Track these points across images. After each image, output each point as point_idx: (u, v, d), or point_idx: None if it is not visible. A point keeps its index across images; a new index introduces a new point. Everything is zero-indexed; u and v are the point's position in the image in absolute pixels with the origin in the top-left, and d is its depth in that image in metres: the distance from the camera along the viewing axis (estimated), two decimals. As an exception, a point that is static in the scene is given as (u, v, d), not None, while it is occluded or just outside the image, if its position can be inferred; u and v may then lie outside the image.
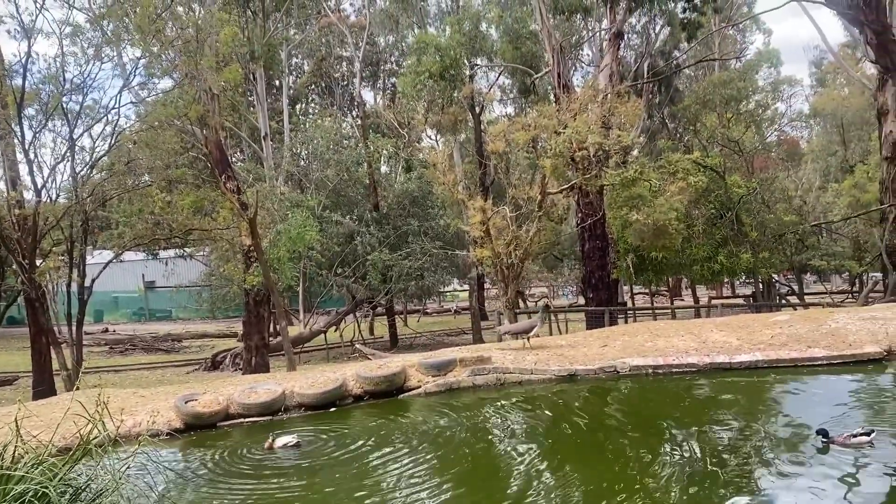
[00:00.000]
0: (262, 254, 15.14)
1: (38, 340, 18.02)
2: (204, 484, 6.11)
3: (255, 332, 18.53)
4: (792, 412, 7.06)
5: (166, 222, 17.51)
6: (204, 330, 35.72)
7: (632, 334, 11.07)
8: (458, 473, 6.07)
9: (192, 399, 8.29)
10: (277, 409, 8.32)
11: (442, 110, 24.29)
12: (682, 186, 19.17)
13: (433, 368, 9.15)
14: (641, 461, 5.84)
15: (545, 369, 9.21)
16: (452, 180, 18.24)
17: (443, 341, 28.20)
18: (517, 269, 16.73)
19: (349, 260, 26.36)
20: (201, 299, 33.29)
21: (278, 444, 6.93)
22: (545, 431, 7.12)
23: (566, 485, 5.42)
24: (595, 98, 18.23)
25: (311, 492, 5.78)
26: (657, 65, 32.65)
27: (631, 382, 8.88)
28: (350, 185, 28.72)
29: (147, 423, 7.51)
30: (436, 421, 7.63)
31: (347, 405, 8.63)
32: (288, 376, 10.27)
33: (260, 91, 31.38)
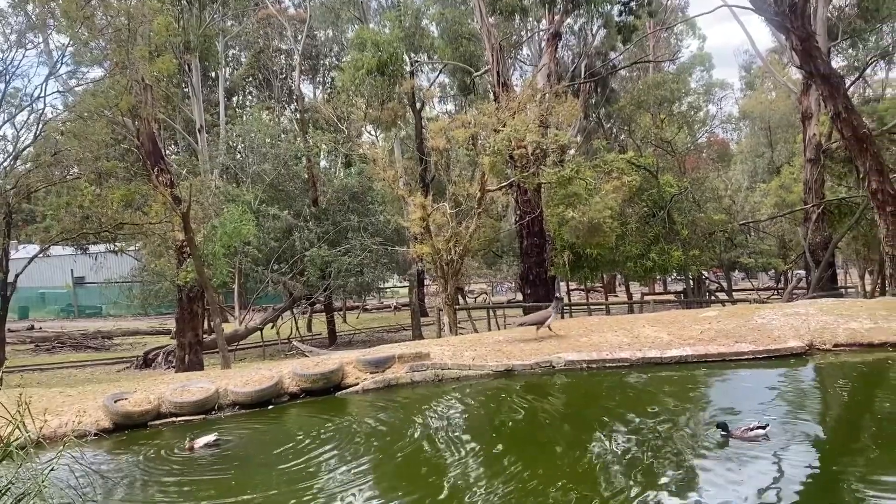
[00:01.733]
0: (195, 249, 14.80)
1: (-44, 338, 17.23)
2: (131, 485, 5.96)
3: (188, 329, 18.12)
4: (719, 405, 7.31)
5: (96, 216, 16.94)
6: (136, 327, 34.74)
7: (566, 330, 11.26)
8: (394, 470, 6.07)
9: (122, 398, 8.06)
10: (211, 408, 8.17)
11: (382, 106, 24.19)
12: (617, 185, 19.59)
13: (371, 365, 9.12)
14: (575, 454, 5.97)
15: (483, 365, 9.30)
16: (393, 176, 18.21)
17: (382, 338, 28.13)
18: (457, 266, 16.82)
19: (287, 256, 26.01)
20: (132, 295, 32.29)
21: (198, 443, 6.78)
22: (482, 426, 7.19)
23: (502, 478, 5.49)
24: (533, 97, 18.46)
25: (239, 493, 5.69)
26: (594, 65, 33.26)
27: (566, 377, 9.05)
28: (288, 179, 28.34)
29: (73, 424, 7.28)
30: (373, 418, 7.62)
31: (284, 403, 8.53)
32: (222, 374, 10.09)
33: (195, 83, 30.68)
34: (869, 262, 27.93)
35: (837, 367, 8.68)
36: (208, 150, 31.32)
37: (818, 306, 11.40)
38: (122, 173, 21.31)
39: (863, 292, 26.55)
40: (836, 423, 6.61)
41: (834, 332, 9.77)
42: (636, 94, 33.33)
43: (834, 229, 25.06)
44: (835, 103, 16.14)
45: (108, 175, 18.67)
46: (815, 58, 16.28)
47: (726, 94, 52.76)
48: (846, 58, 31.35)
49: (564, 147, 20.48)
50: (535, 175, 17.78)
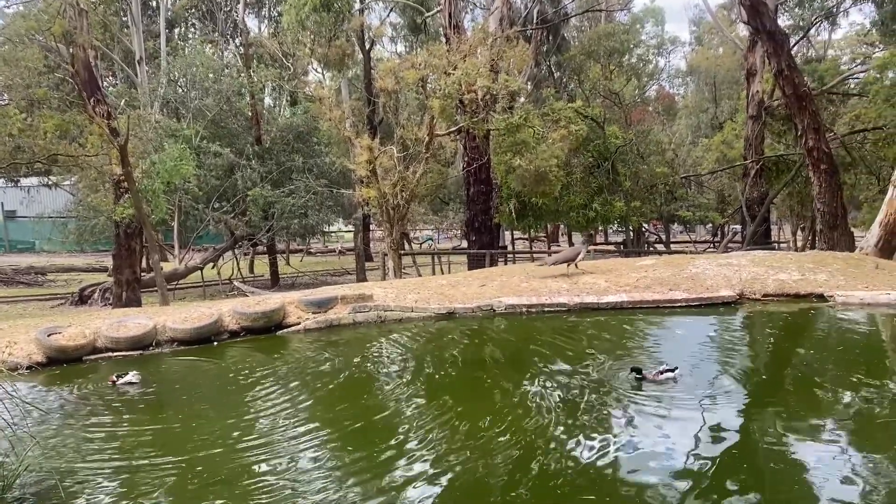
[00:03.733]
0: (133, 184, 14.38)
1: None
2: (62, 418, 5.90)
3: (125, 266, 17.72)
4: (648, 350, 7.58)
5: (28, 146, 16.23)
6: (71, 263, 33.74)
7: (509, 275, 11.43)
8: (332, 410, 6.13)
9: (56, 332, 7.89)
10: (148, 344, 8.08)
11: (329, 43, 23.56)
12: (564, 135, 19.70)
13: (314, 305, 9.13)
14: (507, 393, 6.14)
15: (425, 307, 9.40)
16: (339, 116, 17.89)
17: (326, 281, 28.04)
18: (403, 211, 16.77)
19: (228, 195, 25.50)
20: (67, 231, 31.28)
21: (121, 380, 6.73)
22: (422, 367, 7.30)
23: (440, 419, 5.61)
24: (485, 41, 18.24)
25: (170, 427, 5.70)
26: (546, 12, 33.01)
27: (506, 321, 9.23)
28: (231, 116, 27.57)
29: (3, 356, 7.11)
30: (313, 357, 7.66)
31: (224, 341, 8.49)
32: (160, 311, 9.94)
33: (135, 11, 29.33)
34: (802, 218, 28.97)
35: (765, 316, 9.06)
36: (148, 83, 30.13)
37: (750, 258, 11.82)
38: (56, 103, 20.39)
39: (794, 247, 27.61)
40: (760, 369, 6.92)
41: (764, 282, 10.17)
42: (587, 44, 33.28)
43: (771, 185, 25.85)
44: (778, 60, 16.47)
45: (40, 104, 17.83)
46: (762, 14, 16.51)
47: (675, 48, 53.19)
48: (792, 17, 31.85)
49: (514, 94, 20.40)
50: (484, 121, 17.71)
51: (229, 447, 5.22)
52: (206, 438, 5.43)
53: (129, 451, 5.19)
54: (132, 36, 31.35)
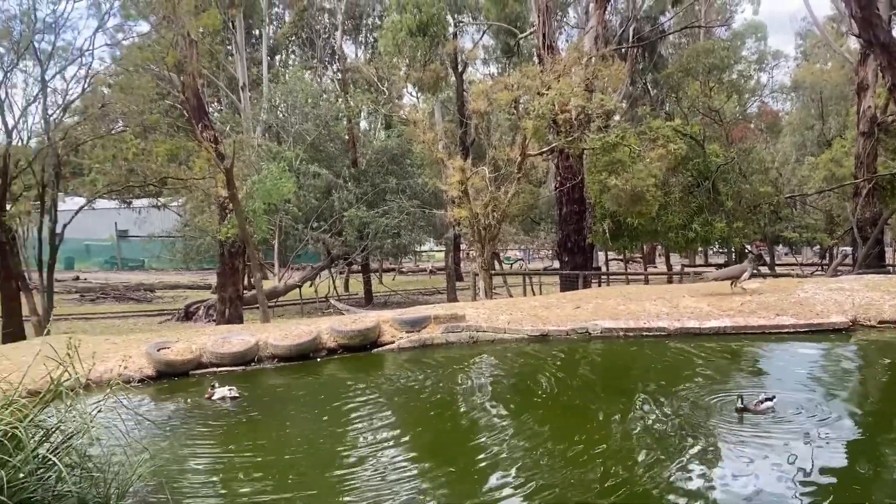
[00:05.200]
0: (237, 205, 14.98)
1: (7, 285, 17.76)
2: (171, 429, 6.15)
3: (229, 283, 18.44)
4: (753, 378, 7.22)
5: (141, 170, 17.22)
6: (177, 281, 35.47)
7: (604, 297, 11.19)
8: (425, 428, 6.15)
9: (165, 347, 8.27)
10: (251, 360, 8.34)
11: (424, 67, 23.97)
12: (662, 153, 19.22)
13: (407, 324, 9.20)
14: (607, 420, 5.96)
15: (518, 329, 9.31)
16: (432, 139, 18.11)
17: (417, 300, 28.30)
18: (494, 231, 16.77)
19: (326, 215, 26.21)
20: (175, 250, 32.93)
21: (216, 394, 6.94)
22: (515, 389, 7.22)
23: (531, 440, 5.52)
24: (579, 60, 18.11)
25: (266, 438, 5.85)
26: (642, 30, 32.49)
27: (602, 344, 9.02)
28: (329, 139, 28.42)
29: (118, 369, 7.49)
30: (408, 376, 7.70)
31: (321, 358, 8.68)
32: (262, 328, 10.27)
33: (239, 40, 30.77)
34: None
35: (881, 344, 8.47)
36: (251, 109, 31.48)
37: (864, 282, 11.13)
38: (166, 128, 21.55)
39: (911, 271, 25.82)
40: (875, 401, 6.47)
41: (879, 308, 9.53)
42: (685, 61, 32.46)
43: (885, 205, 24.32)
44: (893, 74, 15.56)
45: (152, 129, 18.92)
46: (875, 26, 15.67)
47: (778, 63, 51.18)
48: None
49: (609, 112, 20.10)
50: (578, 140, 17.51)
51: (322, 459, 5.34)
52: (301, 450, 5.58)
53: (227, 462, 5.36)
54: (236, 64, 32.87)
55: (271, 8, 39.48)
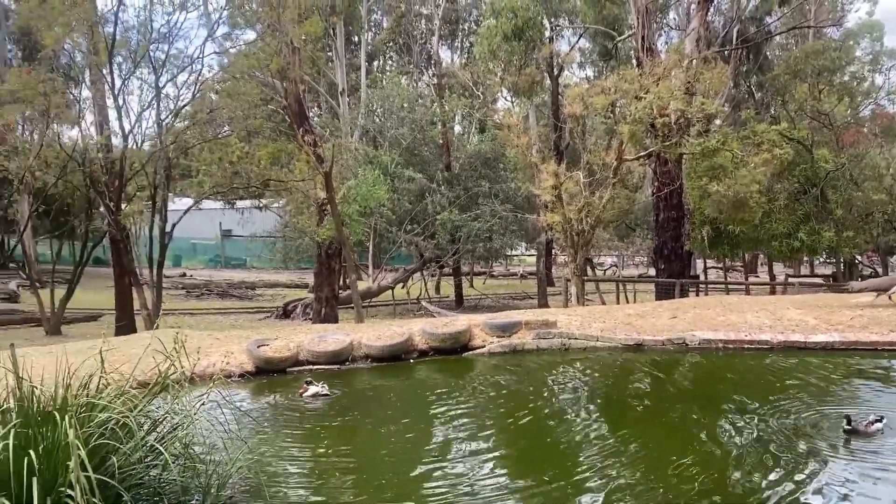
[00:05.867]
0: (335, 208, 15.38)
1: (121, 280, 18.92)
2: (269, 424, 6.36)
3: (325, 284, 18.93)
4: (862, 397, 6.79)
5: (245, 172, 17.96)
6: (276, 279, 36.67)
7: (703, 307, 10.83)
8: (516, 436, 6.12)
9: (264, 344, 8.57)
10: (345, 359, 8.53)
11: (519, 71, 23.87)
12: (767, 158, 18.38)
13: (498, 329, 9.18)
14: (701, 435, 5.75)
15: (611, 337, 9.12)
16: (526, 143, 17.99)
17: (508, 304, 28.22)
18: (587, 236, 16.49)
19: (419, 218, 26.52)
20: (275, 250, 34.13)
21: (309, 393, 7.10)
22: (607, 399, 7.08)
23: (620, 450, 5.40)
24: (680, 63, 17.59)
25: (356, 435, 6.02)
26: (747, 31, 31.23)
27: (699, 356, 8.73)
28: (423, 144, 28.73)
29: (221, 364, 7.81)
30: (498, 381, 7.68)
31: (413, 359, 8.78)
32: (356, 328, 10.48)
33: (339, 46, 31.58)
34: None
35: None
36: (349, 113, 32.26)
37: None
38: (268, 132, 22.35)
39: None
40: None
41: None
42: (792, 63, 30.95)
43: None
44: None
45: (256, 133, 19.70)
46: None
47: (895, 64, 47.97)
48: None
49: (711, 116, 19.43)
50: (677, 145, 17.00)
51: (408, 458, 5.43)
52: (388, 448, 5.68)
53: (318, 456, 5.53)
54: (336, 69, 33.75)
55: (370, 15, 40.34)
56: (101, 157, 17.34)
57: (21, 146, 18.27)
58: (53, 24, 16.61)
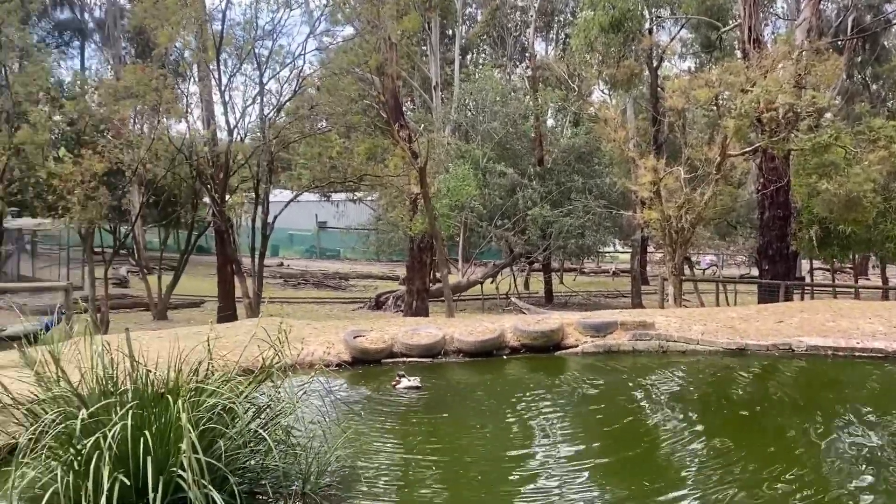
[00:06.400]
0: (429, 202, 15.51)
1: (224, 269, 19.74)
2: (364, 414, 6.47)
3: (417, 277, 19.15)
4: None
5: (342, 167, 18.37)
6: (369, 271, 37.40)
7: (811, 312, 10.29)
8: (601, 435, 6.02)
9: (360, 335, 8.73)
10: (437, 353, 8.59)
11: (617, 64, 23.32)
12: (883, 156, 17.26)
13: (592, 329, 9.01)
14: (806, 446, 5.47)
15: (713, 341, 8.80)
16: (623, 137, 17.57)
17: (599, 302, 27.75)
18: (687, 235, 15.98)
19: (510, 213, 26.39)
20: (368, 242, 34.81)
21: (402, 384, 7.20)
22: (707, 405, 6.84)
23: (717, 459, 5.19)
24: (789, 54, 16.73)
25: (444, 429, 6.08)
26: (863, 20, 29.45)
27: (806, 363, 8.30)
28: (516, 138, 28.55)
29: (321, 354, 8.03)
30: (592, 382, 7.55)
31: (504, 356, 8.74)
32: (448, 322, 10.54)
33: (433, 40, 31.78)
34: None
35: None
36: (442, 108, 32.43)
37: None
38: (363, 127, 22.76)
39: None
40: None
41: None
42: (914, 52, 29.03)
43: None
44: None
45: (354, 128, 20.09)
46: None
47: None
48: None
49: (822, 110, 18.42)
50: (784, 140, 16.21)
51: (494, 455, 5.43)
52: (474, 444, 5.73)
53: (408, 448, 5.60)
54: (430, 64, 33.97)
55: (465, 8, 40.38)
56: (207, 151, 18.11)
57: (134, 139, 19.32)
58: (166, 22, 17.46)
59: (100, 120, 19.46)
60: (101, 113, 19.20)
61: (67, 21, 40.27)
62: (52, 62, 23.54)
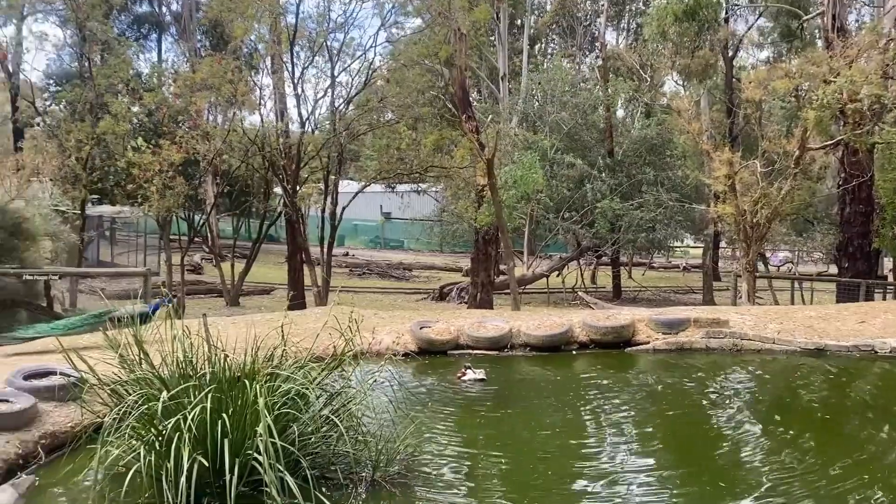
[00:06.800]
0: (496, 194, 15.44)
1: (294, 258, 20.17)
2: (431, 403, 6.51)
3: (482, 269, 19.12)
4: None
5: (409, 158, 18.49)
6: (432, 262, 37.56)
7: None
8: (671, 435, 5.89)
9: (427, 326, 8.77)
10: (504, 346, 8.55)
11: (691, 54, 22.70)
12: (976, 150, 16.35)
13: (664, 325, 8.82)
14: (881, 449, 5.23)
15: (790, 340, 8.49)
16: (697, 129, 17.12)
17: (669, 298, 27.17)
18: (763, 230, 15.47)
19: (577, 205, 26.06)
20: (432, 233, 34.94)
21: (468, 376, 7.20)
22: (781, 405, 6.63)
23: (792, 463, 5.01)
24: (876, 44, 15.96)
25: (508, 423, 6.06)
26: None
27: (890, 365, 7.94)
28: (584, 129, 28.14)
29: (390, 343, 8.11)
30: (663, 381, 7.40)
31: (572, 351, 8.65)
32: (514, 315, 10.50)
33: (502, 30, 31.63)
34: None
35: None
36: (509, 98, 32.26)
37: None
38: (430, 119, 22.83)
39: None
40: None
41: None
42: None
43: None
44: None
45: (421, 120, 20.17)
46: None
47: None
48: None
49: (911, 102, 17.52)
50: (869, 134, 15.50)
51: (557, 451, 5.40)
52: (540, 439, 5.67)
53: (473, 440, 5.65)
54: (498, 54, 33.83)
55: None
56: (279, 142, 18.49)
57: (210, 130, 19.88)
58: (241, 16, 17.88)
59: (177, 111, 20.07)
60: (177, 104, 19.80)
61: (146, 14, 41.69)
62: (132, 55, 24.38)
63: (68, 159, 17.34)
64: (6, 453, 4.71)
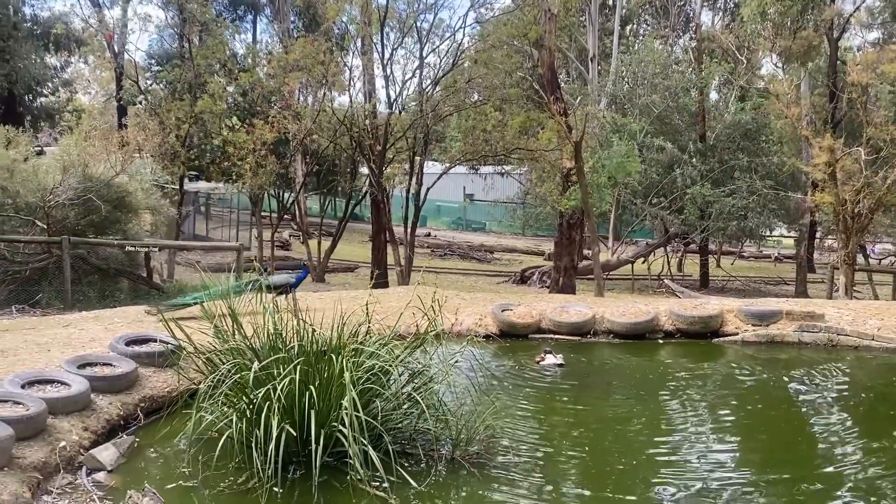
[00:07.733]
0: (583, 178, 15.22)
1: (378, 237, 20.50)
2: (511, 386, 6.52)
3: (565, 253, 18.92)
4: None
5: (495, 140, 18.41)
6: (514, 245, 37.40)
7: None
8: (753, 429, 5.74)
9: (508, 309, 8.77)
10: (587, 332, 8.47)
11: (793, 35, 21.61)
12: None
13: (754, 317, 8.53)
14: None
15: (891, 337, 8.06)
16: (797, 114, 16.39)
17: (759, 289, 26.19)
18: (864, 221, 14.70)
19: (666, 191, 25.35)
20: (515, 216, 34.74)
21: (547, 360, 7.19)
22: (876, 404, 6.31)
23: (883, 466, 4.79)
24: None
25: (588, 409, 6.09)
26: None
27: None
28: (675, 111, 27.28)
29: (471, 325, 8.17)
30: (753, 375, 7.17)
31: (658, 339, 8.48)
32: (598, 301, 10.37)
33: (593, 10, 30.92)
34: None
35: None
36: (598, 80, 31.58)
37: None
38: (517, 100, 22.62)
39: None
40: None
41: None
42: None
43: None
44: None
45: (508, 102, 20.02)
46: None
47: None
48: None
49: None
50: None
51: (637, 442, 5.35)
52: (619, 426, 5.65)
53: (550, 425, 5.68)
54: (587, 35, 33.08)
55: (627, -23, 38.93)
56: (367, 123, 18.75)
57: (301, 110, 20.33)
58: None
59: (270, 91, 20.61)
60: (271, 85, 20.32)
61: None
62: (228, 36, 25.11)
63: (168, 136, 18.07)
64: (109, 414, 5.03)
